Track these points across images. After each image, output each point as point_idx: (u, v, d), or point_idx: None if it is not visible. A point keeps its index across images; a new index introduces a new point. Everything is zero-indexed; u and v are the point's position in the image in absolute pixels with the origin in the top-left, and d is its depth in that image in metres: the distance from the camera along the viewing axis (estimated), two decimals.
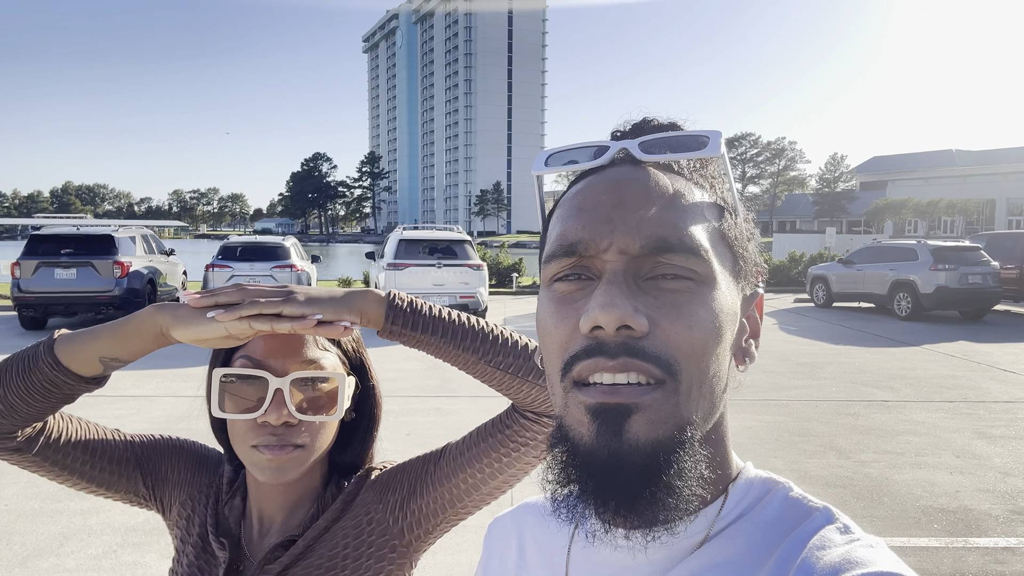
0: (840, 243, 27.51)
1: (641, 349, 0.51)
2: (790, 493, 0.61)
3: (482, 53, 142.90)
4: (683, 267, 0.54)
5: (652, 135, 0.59)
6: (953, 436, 6.42)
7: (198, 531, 1.01)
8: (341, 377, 0.95)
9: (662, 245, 0.53)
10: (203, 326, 0.81)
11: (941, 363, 9.93)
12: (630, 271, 0.53)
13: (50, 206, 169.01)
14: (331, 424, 0.98)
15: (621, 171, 0.58)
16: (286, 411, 0.90)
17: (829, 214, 69.74)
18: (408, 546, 1.01)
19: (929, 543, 4.23)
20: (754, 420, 6.87)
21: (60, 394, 0.87)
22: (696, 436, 0.54)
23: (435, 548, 4.11)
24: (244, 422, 0.92)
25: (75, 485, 0.99)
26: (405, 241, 13.13)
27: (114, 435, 1.04)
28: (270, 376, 0.89)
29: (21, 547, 4.12)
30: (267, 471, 0.92)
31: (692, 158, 0.58)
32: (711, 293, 0.55)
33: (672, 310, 0.53)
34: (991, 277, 14.42)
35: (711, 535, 0.59)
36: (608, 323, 0.51)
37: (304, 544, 0.97)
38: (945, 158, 61.54)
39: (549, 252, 0.57)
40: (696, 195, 0.58)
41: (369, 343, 1.03)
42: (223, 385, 0.91)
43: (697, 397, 0.54)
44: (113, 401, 7.26)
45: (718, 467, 0.61)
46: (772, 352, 10.66)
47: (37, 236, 12.87)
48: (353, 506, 1.01)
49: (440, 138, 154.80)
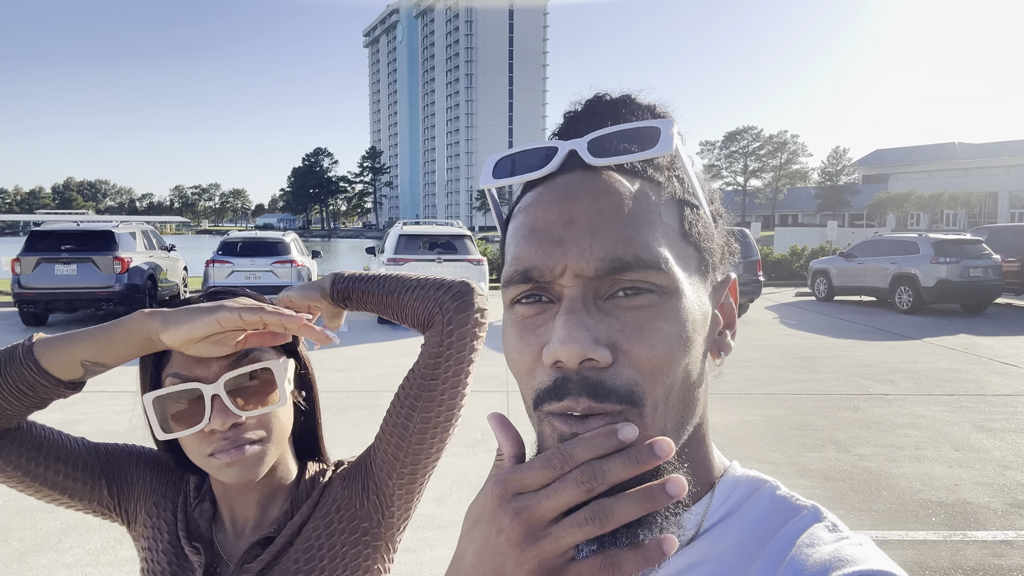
0: (842, 237, 27.44)
1: (602, 384, 0.50)
2: (777, 491, 0.61)
3: (483, 48, 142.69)
4: (642, 281, 0.52)
5: (599, 132, 0.55)
6: (952, 429, 6.41)
7: (168, 538, 1.00)
8: (275, 363, 0.94)
9: (617, 265, 0.51)
10: (195, 323, 0.80)
11: (942, 356, 9.92)
12: (588, 294, 0.52)
13: (52, 202, 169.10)
14: (283, 412, 0.97)
15: (571, 180, 0.55)
16: (230, 413, 0.89)
17: (831, 208, 69.66)
18: (379, 526, 1.02)
19: (927, 536, 4.23)
20: (753, 414, 6.87)
21: (35, 397, 0.85)
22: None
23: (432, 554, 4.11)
24: (193, 436, 0.91)
25: (37, 493, 0.97)
26: (405, 236, 13.14)
27: (79, 443, 1.02)
28: (202, 385, 0.88)
29: (19, 542, 4.13)
30: (230, 473, 0.91)
31: (643, 158, 0.55)
32: (675, 304, 0.53)
33: (635, 330, 0.51)
34: (992, 270, 14.41)
35: (698, 533, 0.59)
36: (569, 359, 0.50)
37: (283, 542, 0.97)
38: (947, 151, 61.41)
39: (506, 277, 0.56)
40: (651, 196, 0.55)
41: (371, 337, 1.03)
42: (159, 406, 0.90)
43: (664, 412, 0.53)
44: (113, 397, 7.26)
45: (701, 467, 0.61)
46: (772, 346, 10.66)
47: (38, 232, 12.89)
48: (323, 500, 1.02)
49: (441, 133, 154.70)
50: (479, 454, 5.66)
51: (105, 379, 5.72)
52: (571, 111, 0.61)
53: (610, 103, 0.60)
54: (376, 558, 1.01)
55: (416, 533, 4.25)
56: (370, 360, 9.25)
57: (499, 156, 0.60)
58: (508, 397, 7.26)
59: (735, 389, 7.87)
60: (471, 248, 13.25)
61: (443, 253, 12.91)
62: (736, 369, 8.90)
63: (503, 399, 7.21)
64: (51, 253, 12.37)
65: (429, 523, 4.39)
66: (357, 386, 7.49)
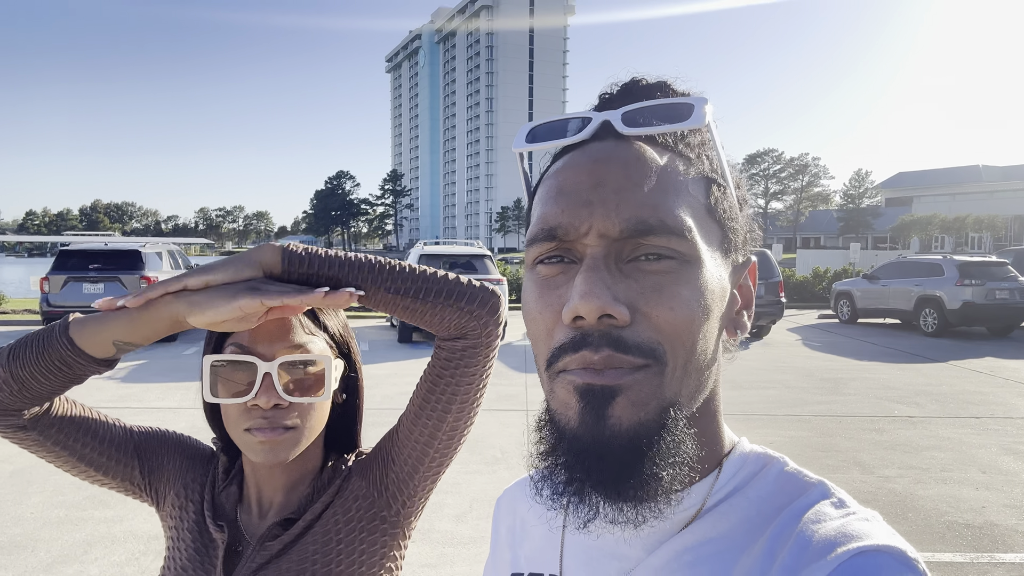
0: (865, 259, 27.21)
1: (623, 339, 0.51)
2: (785, 468, 0.60)
3: (503, 72, 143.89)
4: (665, 247, 0.52)
5: (634, 104, 0.56)
6: (979, 452, 6.31)
7: (193, 518, 1.04)
8: (327, 360, 0.98)
9: (642, 228, 0.52)
10: (217, 309, 0.83)
11: (968, 379, 9.76)
12: (611, 255, 0.53)
13: (79, 224, 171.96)
14: (321, 406, 1.01)
15: (602, 147, 0.56)
16: (275, 394, 0.93)
17: (854, 230, 69.03)
18: (397, 515, 1.05)
19: (954, 558, 4.16)
20: (777, 435, 6.80)
21: (71, 374, 0.89)
22: (681, 416, 0.54)
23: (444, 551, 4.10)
24: (236, 407, 0.95)
25: (73, 468, 1.02)
26: (426, 256, 13.23)
27: (115, 422, 1.07)
28: (258, 361, 0.93)
29: (46, 554, 4.18)
30: (260, 452, 0.95)
31: (675, 130, 0.56)
32: (695, 272, 0.53)
33: (654, 293, 0.52)
34: (1019, 292, 14.18)
35: (704, 510, 0.58)
36: (588, 313, 0.50)
37: (302, 526, 1.00)
38: (971, 174, 60.79)
39: (531, 235, 0.57)
40: (681, 169, 0.56)
41: (392, 355, 1.05)
42: (214, 371, 0.95)
43: (682, 376, 0.53)
44: (138, 412, 7.36)
45: (709, 442, 0.60)
46: (796, 368, 10.56)
47: (66, 251, 13.10)
48: (344, 489, 1.05)
49: (461, 156, 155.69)
50: (498, 471, 5.66)
51: (132, 395, 5.81)
52: (607, 92, 0.62)
53: (646, 87, 0.60)
54: (392, 545, 1.04)
55: (436, 549, 4.25)
56: (391, 379, 9.28)
57: (534, 124, 0.61)
58: (527, 416, 7.26)
59: (758, 410, 7.80)
60: (491, 268, 13.30)
61: (463, 273, 12.84)
62: (759, 390, 8.82)
63: (522, 417, 7.21)
64: (79, 272, 12.57)
65: (449, 540, 4.39)
66: (377, 404, 7.60)
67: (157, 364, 10.21)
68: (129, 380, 9.18)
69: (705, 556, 0.56)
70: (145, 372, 9.69)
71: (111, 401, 7.85)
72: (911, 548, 0.49)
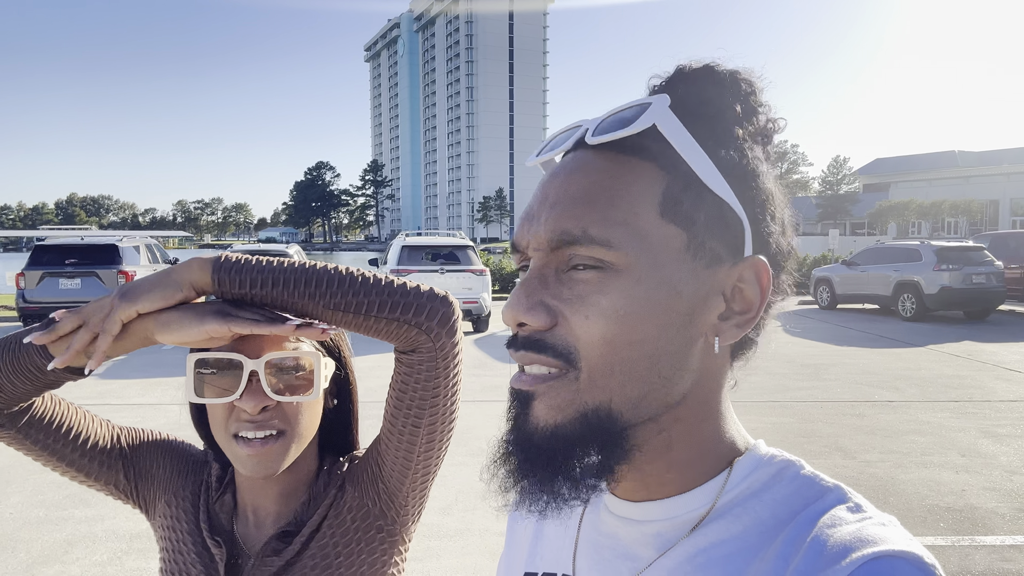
0: (843, 245, 27.46)
1: (541, 341, 0.55)
2: (802, 471, 0.60)
3: (483, 59, 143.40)
4: (589, 257, 0.54)
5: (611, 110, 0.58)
6: (959, 435, 6.40)
7: (187, 529, 1.01)
8: (316, 357, 0.95)
9: (565, 239, 0.54)
10: (185, 330, 0.83)
11: (946, 363, 9.90)
12: (550, 264, 0.56)
13: (55, 218, 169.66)
14: (311, 408, 0.98)
15: (569, 160, 0.59)
16: (262, 393, 0.91)
17: (832, 217, 69.58)
18: (393, 523, 1.02)
19: (935, 542, 4.22)
20: (759, 422, 6.86)
21: (45, 379, 0.88)
22: (620, 420, 0.55)
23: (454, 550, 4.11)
24: (222, 409, 0.93)
25: (55, 468, 1.00)
26: (408, 247, 13.19)
27: (102, 425, 1.04)
28: (244, 358, 0.90)
29: (26, 554, 4.12)
30: (249, 464, 0.92)
31: (628, 135, 0.55)
32: (623, 282, 0.53)
33: (575, 302, 0.54)
34: (995, 277, 14.39)
35: (715, 510, 0.58)
36: (507, 321, 0.57)
37: (301, 541, 0.98)
38: (947, 159, 61.47)
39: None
40: (631, 174, 0.55)
41: (374, 348, 1.03)
42: (199, 369, 0.92)
43: (605, 382, 0.54)
44: (119, 409, 7.28)
45: (708, 443, 0.60)
46: (776, 354, 10.64)
47: (41, 247, 12.95)
48: (339, 500, 1.02)
49: (442, 145, 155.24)
50: (484, 463, 5.65)
51: (111, 392, 5.75)
52: (656, 84, 0.60)
53: (689, 74, 0.59)
54: (393, 551, 1.02)
55: (422, 543, 4.24)
56: (375, 371, 9.20)
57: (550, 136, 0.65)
58: None
59: (739, 397, 7.79)
60: (474, 259, 13.27)
61: (446, 264, 12.94)
62: (740, 377, 8.88)
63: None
64: (55, 267, 12.44)
65: (435, 532, 4.39)
66: (362, 397, 7.51)
67: (137, 359, 10.08)
68: (108, 376, 9.07)
69: (718, 558, 0.56)
70: (125, 368, 9.57)
71: (90, 397, 7.75)
72: (928, 553, 0.49)
